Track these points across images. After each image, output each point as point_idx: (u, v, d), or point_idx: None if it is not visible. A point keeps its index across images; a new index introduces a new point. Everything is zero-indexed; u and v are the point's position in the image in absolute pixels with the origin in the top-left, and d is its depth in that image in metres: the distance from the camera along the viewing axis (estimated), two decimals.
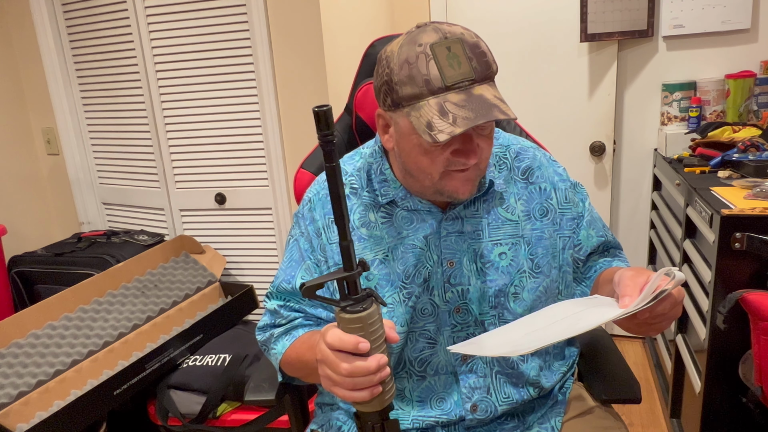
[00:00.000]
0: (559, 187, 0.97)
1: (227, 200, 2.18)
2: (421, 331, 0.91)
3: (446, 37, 0.77)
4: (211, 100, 2.09)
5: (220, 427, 1.73)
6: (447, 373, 0.92)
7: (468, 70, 0.76)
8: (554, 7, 2.28)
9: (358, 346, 0.66)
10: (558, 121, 2.38)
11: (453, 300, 0.91)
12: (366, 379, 0.67)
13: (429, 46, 0.77)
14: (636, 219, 2.46)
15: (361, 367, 0.66)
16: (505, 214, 0.93)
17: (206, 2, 1.99)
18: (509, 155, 0.97)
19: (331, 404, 1.04)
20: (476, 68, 0.77)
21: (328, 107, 0.62)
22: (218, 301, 2.04)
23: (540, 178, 0.96)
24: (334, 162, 0.63)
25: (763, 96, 2.08)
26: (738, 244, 1.33)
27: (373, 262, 0.91)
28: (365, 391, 0.68)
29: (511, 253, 0.92)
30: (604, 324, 0.75)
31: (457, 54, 0.77)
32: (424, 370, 0.93)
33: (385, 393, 0.69)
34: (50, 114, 2.38)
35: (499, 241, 0.92)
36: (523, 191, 0.95)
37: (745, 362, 1.37)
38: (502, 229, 0.92)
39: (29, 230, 2.42)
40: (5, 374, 1.53)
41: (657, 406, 2.06)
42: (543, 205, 0.95)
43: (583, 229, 0.98)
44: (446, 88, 0.76)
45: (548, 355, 0.98)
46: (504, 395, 0.93)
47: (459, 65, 0.76)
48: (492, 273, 0.91)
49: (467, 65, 0.77)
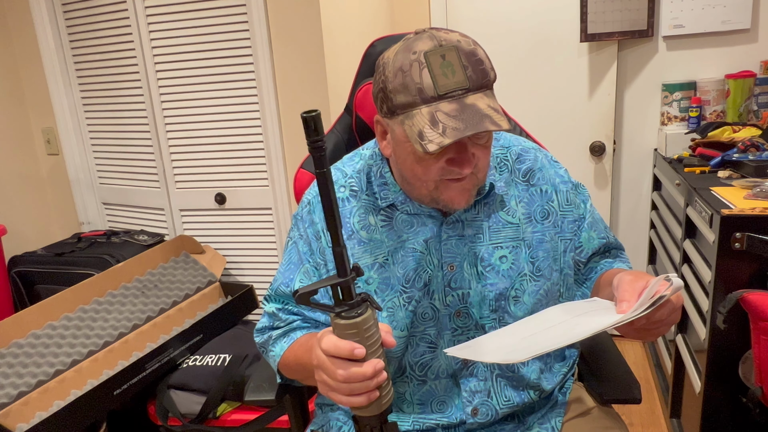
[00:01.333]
0: (560, 189, 0.96)
1: (227, 200, 2.18)
2: (422, 335, 0.91)
3: (441, 45, 0.76)
4: (211, 100, 2.09)
5: (220, 427, 1.73)
6: (447, 377, 0.92)
7: (462, 79, 0.75)
8: (554, 7, 2.28)
9: (353, 352, 0.66)
10: (558, 121, 2.38)
11: (453, 304, 0.91)
12: (362, 385, 0.67)
13: (423, 53, 0.75)
14: (636, 219, 2.46)
15: (357, 373, 0.66)
16: (506, 217, 0.92)
17: (206, 2, 1.99)
18: (510, 157, 0.96)
19: (331, 404, 1.04)
20: (471, 77, 0.75)
21: (317, 112, 0.61)
22: (218, 301, 2.04)
23: (541, 180, 0.95)
24: (324, 168, 0.63)
25: (763, 96, 2.08)
26: (738, 244, 1.33)
27: (373, 266, 0.90)
28: (362, 396, 0.68)
29: (512, 257, 0.91)
30: (600, 331, 0.74)
31: (452, 62, 0.75)
32: (424, 375, 0.92)
33: (382, 397, 0.69)
34: (50, 114, 2.38)
35: (499, 245, 0.91)
36: (524, 193, 0.94)
37: (745, 362, 1.37)
38: (503, 232, 0.92)
39: (29, 230, 2.42)
40: (5, 374, 1.53)
41: (657, 406, 2.06)
42: (544, 208, 0.94)
43: (585, 231, 0.98)
44: (439, 97, 0.75)
45: (549, 357, 0.98)
46: (504, 398, 0.93)
47: (453, 74, 0.75)
48: (492, 276, 0.90)
49: (461, 74, 0.75)
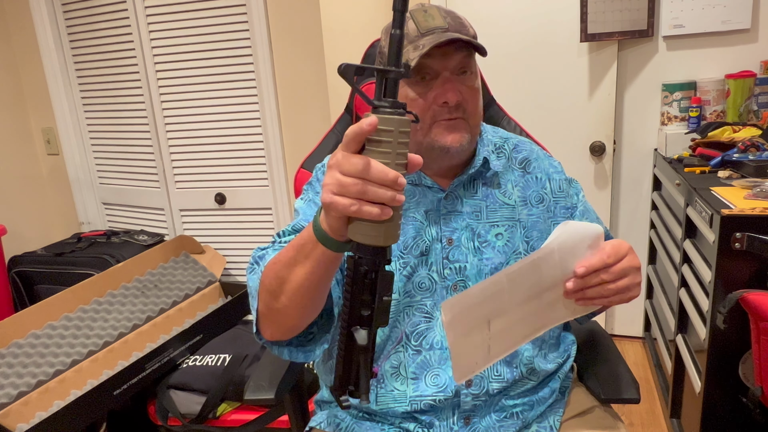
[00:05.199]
0: (553, 177, 1.01)
1: (227, 200, 2.18)
2: (418, 305, 0.93)
3: (423, 5, 0.87)
4: (211, 100, 2.09)
5: (220, 427, 1.73)
6: (442, 348, 0.93)
7: (442, 23, 0.85)
8: (554, 7, 2.28)
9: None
10: (558, 121, 2.38)
11: (451, 277, 0.93)
12: (379, 190, 0.58)
13: (409, 12, 0.85)
14: (636, 219, 2.46)
15: (378, 170, 0.57)
16: (503, 198, 0.97)
17: (206, 2, 1.99)
18: (508, 146, 1.01)
19: (330, 402, 1.04)
20: (450, 23, 0.85)
21: None
22: (218, 301, 2.04)
23: (536, 169, 1.01)
24: None
25: (763, 96, 2.08)
26: (738, 244, 1.33)
27: None
28: (375, 207, 0.59)
29: (507, 234, 0.95)
30: (565, 319, 0.81)
31: (433, 14, 0.86)
32: (419, 344, 0.93)
33: (392, 227, 0.60)
34: (50, 114, 2.38)
35: (496, 223, 0.95)
36: (519, 179, 0.99)
37: (745, 362, 1.37)
38: (499, 212, 0.96)
39: (29, 230, 2.42)
40: (5, 374, 1.53)
41: (657, 406, 2.06)
42: (539, 193, 0.99)
43: (577, 218, 1.02)
44: (421, 35, 0.84)
45: (544, 343, 0.99)
46: (496, 373, 0.94)
47: (433, 19, 0.85)
48: (489, 252, 0.94)
49: (441, 19, 0.85)
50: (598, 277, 0.78)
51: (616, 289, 0.79)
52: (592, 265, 0.77)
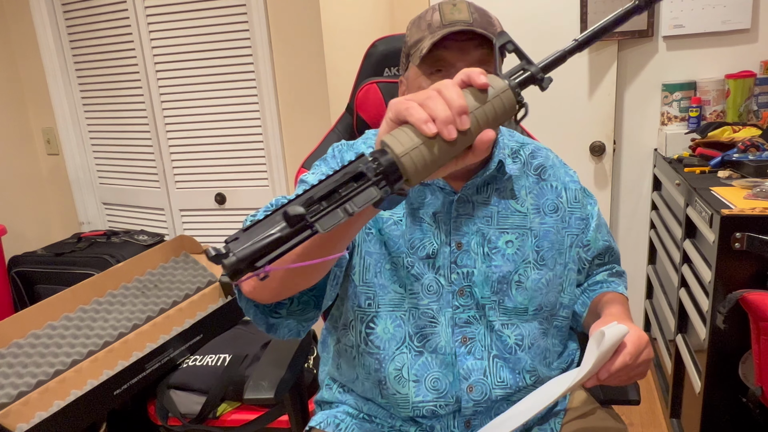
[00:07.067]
0: (569, 187, 0.99)
1: (227, 200, 2.19)
2: (425, 309, 0.92)
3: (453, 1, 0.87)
4: (211, 100, 2.09)
5: (220, 427, 1.73)
6: (445, 353, 0.93)
7: (467, 17, 0.84)
8: (554, 8, 2.28)
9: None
10: (558, 121, 2.38)
11: (458, 282, 0.92)
12: (446, 111, 0.53)
13: (438, 4, 0.87)
14: (636, 219, 2.46)
15: (455, 91, 0.54)
16: (515, 206, 0.95)
17: (206, 2, 1.99)
18: (524, 151, 0.99)
19: (330, 402, 1.04)
20: (476, 18, 0.84)
21: None
22: (218, 301, 2.04)
23: (552, 177, 0.99)
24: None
25: (763, 96, 2.08)
26: (738, 244, 1.33)
27: (388, 220, 0.92)
28: (430, 124, 0.53)
29: (518, 243, 0.93)
30: (564, 394, 0.82)
31: (460, 8, 0.86)
32: (422, 346, 0.93)
33: (427, 154, 0.53)
34: (50, 114, 2.38)
35: (506, 230, 0.94)
36: (534, 186, 0.97)
37: (745, 362, 1.37)
38: (510, 219, 0.94)
39: (29, 230, 2.42)
40: (5, 374, 1.53)
41: (657, 406, 2.07)
42: (554, 202, 0.97)
43: (592, 231, 1.01)
44: (443, 26, 0.84)
45: (548, 352, 0.98)
46: (499, 379, 0.93)
47: (459, 12, 0.85)
48: (498, 259, 0.92)
49: (467, 14, 0.85)
50: (617, 375, 0.79)
51: (627, 378, 0.81)
52: (615, 368, 0.78)
